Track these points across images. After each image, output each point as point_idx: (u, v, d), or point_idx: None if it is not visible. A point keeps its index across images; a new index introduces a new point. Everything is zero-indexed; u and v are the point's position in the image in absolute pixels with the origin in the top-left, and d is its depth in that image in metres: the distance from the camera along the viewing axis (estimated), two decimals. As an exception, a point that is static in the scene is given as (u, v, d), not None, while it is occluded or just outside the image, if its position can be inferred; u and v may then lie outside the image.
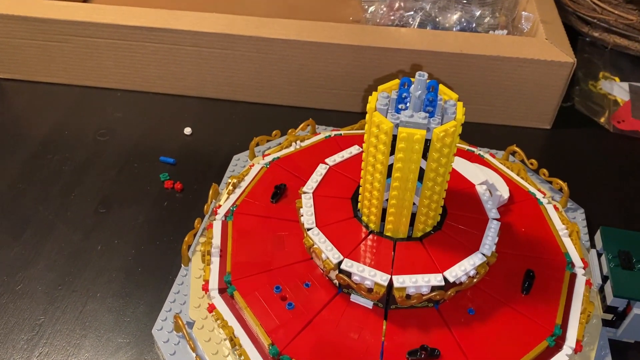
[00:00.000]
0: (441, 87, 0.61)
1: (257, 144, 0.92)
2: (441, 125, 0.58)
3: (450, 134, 0.58)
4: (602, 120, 1.06)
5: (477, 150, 0.89)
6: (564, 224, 0.78)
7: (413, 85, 0.59)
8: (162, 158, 0.95)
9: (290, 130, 0.93)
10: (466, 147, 0.90)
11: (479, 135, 0.97)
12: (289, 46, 0.98)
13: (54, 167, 0.94)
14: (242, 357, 0.64)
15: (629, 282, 0.70)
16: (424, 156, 0.60)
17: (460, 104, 0.60)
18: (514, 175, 0.85)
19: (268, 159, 0.86)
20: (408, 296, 0.64)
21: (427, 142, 0.59)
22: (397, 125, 0.58)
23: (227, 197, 0.81)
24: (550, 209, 0.80)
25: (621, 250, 0.73)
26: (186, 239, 0.75)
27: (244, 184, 0.83)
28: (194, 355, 0.66)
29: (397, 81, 0.62)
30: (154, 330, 0.70)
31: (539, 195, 0.81)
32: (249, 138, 0.92)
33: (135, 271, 0.79)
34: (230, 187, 0.82)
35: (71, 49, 1.05)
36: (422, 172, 0.62)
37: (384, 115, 0.59)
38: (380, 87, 0.61)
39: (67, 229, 0.84)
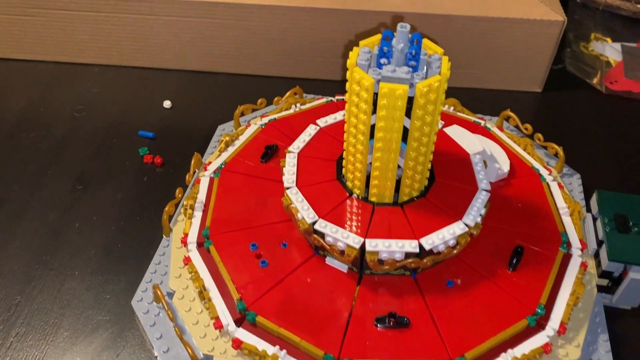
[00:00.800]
0: (425, 41, 0.58)
1: (242, 113, 0.89)
2: (425, 80, 0.55)
3: (435, 89, 0.55)
4: (595, 81, 1.03)
5: (483, 122, 0.85)
6: (566, 202, 0.74)
7: (395, 38, 0.56)
8: (141, 132, 0.92)
9: (277, 98, 0.90)
10: (472, 117, 0.87)
11: (469, 101, 0.93)
12: (269, 13, 0.95)
13: (30, 145, 0.91)
14: (210, 311, 0.62)
15: (625, 245, 0.67)
16: (408, 114, 0.57)
17: (445, 58, 0.57)
18: (519, 149, 0.81)
19: (265, 119, 0.84)
20: (381, 261, 0.61)
21: (411, 100, 0.56)
22: (378, 82, 0.55)
23: (219, 155, 0.79)
24: (554, 186, 0.76)
25: (617, 213, 0.71)
26: (167, 208, 0.72)
27: (237, 143, 0.81)
28: (172, 325, 0.63)
29: (379, 36, 0.58)
30: (133, 302, 0.67)
31: (543, 172, 0.78)
32: (232, 110, 0.88)
33: (115, 248, 0.76)
34: (223, 145, 0.80)
35: (44, 23, 1.01)
36: (406, 132, 0.59)
37: (365, 71, 0.56)
38: (361, 42, 0.58)
39: (44, 207, 0.81)
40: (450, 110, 0.88)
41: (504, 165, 0.76)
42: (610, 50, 1.09)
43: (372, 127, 0.58)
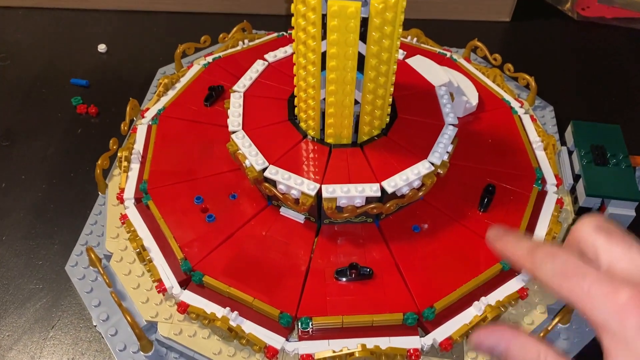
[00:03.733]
0: (379, -47, 0.50)
1: (185, 54, 0.80)
2: (381, -4, 0.48)
3: (392, 6, 0.47)
4: (566, 7, 0.96)
5: (449, 54, 0.78)
6: (540, 136, 0.69)
7: (343, -52, 0.48)
8: (73, 80, 0.83)
9: (222, 35, 0.81)
10: (437, 49, 0.80)
11: (433, 33, 0.86)
12: (209, -60, 0.85)
13: (-55, 99, 0.81)
14: (151, 273, 0.56)
15: (602, 179, 0.63)
16: (363, 39, 0.50)
17: (403, -29, 0.49)
18: (488, 81, 0.75)
19: (209, 58, 0.76)
20: (339, 208, 0.55)
21: (366, 22, 0.49)
22: (326, 0, 0.47)
23: (158, 100, 0.72)
24: (526, 119, 0.71)
25: (594, 145, 0.66)
26: (99, 162, 0.65)
27: (178, 86, 0.73)
28: (110, 291, 0.57)
29: (326, -51, 0.50)
30: (67, 267, 0.61)
31: (514, 104, 0.72)
32: (174, 52, 0.79)
33: (47, 208, 0.69)
34: (162, 89, 0.72)
35: (-46, -41, 0.89)
36: (362, 60, 0.51)
37: (310, -12, 0.48)
38: (305, -43, 0.50)
39: (-37, 167, 0.73)
40: (413, 42, 0.81)
41: (472, 97, 0.70)
42: (581, -25, 1.02)
43: (323, 55, 0.51)
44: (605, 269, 0.27)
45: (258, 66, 0.65)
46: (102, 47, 0.88)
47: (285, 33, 0.80)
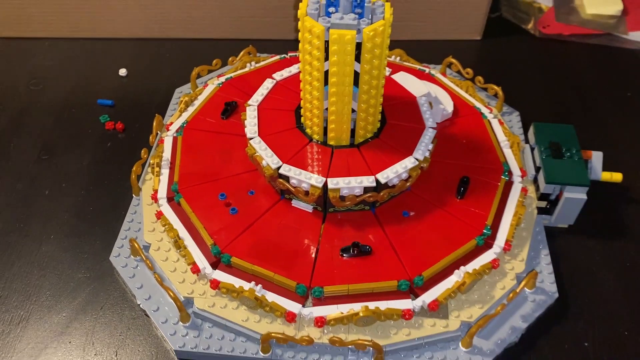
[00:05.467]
0: (368, -10, 0.62)
1: (199, 75, 0.92)
2: (370, 25, 0.60)
3: (380, 33, 0.60)
4: (529, 26, 1.10)
5: (428, 70, 0.90)
6: (506, 136, 0.81)
7: (340, -12, 0.60)
8: (99, 101, 0.94)
9: (231, 58, 0.93)
10: (418, 66, 0.92)
11: (414, 52, 0.99)
12: (217, -25, 0.97)
13: (-12, 121, 0.91)
14: (186, 257, 0.66)
15: (559, 169, 0.74)
16: (358, 59, 0.62)
17: (387, 4, 0.62)
18: (461, 91, 0.87)
19: (222, 79, 0.87)
20: (342, 197, 0.66)
21: (360, 46, 0.61)
22: (328, 29, 0.59)
23: (180, 115, 0.83)
24: (495, 123, 0.83)
25: (552, 141, 0.78)
26: (134, 168, 0.75)
27: (196, 103, 0.84)
28: (151, 274, 0.67)
29: (325, -13, 0.62)
30: (111, 257, 0.71)
31: (484, 110, 0.84)
32: (188, 74, 0.91)
33: (87, 211, 0.79)
34: (183, 105, 0.83)
35: (-11, -2, 1.00)
36: (357, 76, 0.63)
37: (315, 19, 0.60)
38: (309, -6, 0.62)
39: (11, 178, 0.83)
40: (397, 61, 0.93)
41: (448, 105, 0.82)
42: (542, -3, 1.16)
43: (326, 73, 0.63)
44: None
45: (268, 84, 0.77)
46: (122, 72, 0.99)
47: (286, 55, 0.92)
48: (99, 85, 0.98)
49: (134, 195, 0.77)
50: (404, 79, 0.80)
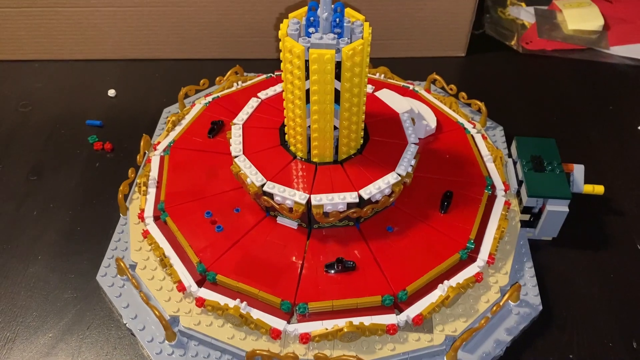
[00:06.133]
0: (348, 10, 0.63)
1: (187, 95, 0.93)
2: (350, 44, 0.61)
3: (359, 52, 0.61)
4: (513, 43, 1.12)
5: (412, 86, 0.92)
6: (489, 150, 0.82)
7: (319, 8, 0.61)
8: (88, 122, 0.95)
9: (218, 78, 0.94)
10: (402, 83, 0.93)
11: (399, 69, 1.00)
12: (204, -3, 0.99)
13: (-23, 143, 0.92)
14: (172, 276, 0.67)
15: (541, 182, 0.75)
16: (338, 78, 0.63)
17: (367, 24, 0.63)
18: (444, 107, 0.89)
19: (209, 98, 0.88)
20: (326, 214, 0.67)
21: (339, 65, 0.62)
22: (308, 49, 0.60)
23: (167, 134, 0.84)
24: (478, 138, 0.84)
25: (533, 155, 0.79)
26: (121, 188, 0.76)
27: (184, 122, 0.85)
28: (138, 293, 0.68)
29: (306, 7, 0.64)
30: (98, 277, 0.71)
31: (467, 126, 0.85)
32: (176, 94, 0.92)
33: (74, 231, 0.79)
34: (170, 125, 0.84)
35: (-22, 21, 1.02)
36: (338, 94, 0.65)
37: (295, 40, 0.61)
38: (290, 14, 0.63)
39: (-1, 199, 0.83)
40: (381, 78, 0.94)
41: (431, 121, 0.83)
42: (525, 14, 1.18)
43: (307, 92, 0.64)
44: None
45: (253, 102, 0.78)
46: (111, 92, 1.00)
47: (272, 74, 0.93)
48: (88, 106, 0.99)
49: (121, 214, 0.78)
50: (387, 96, 0.81)
